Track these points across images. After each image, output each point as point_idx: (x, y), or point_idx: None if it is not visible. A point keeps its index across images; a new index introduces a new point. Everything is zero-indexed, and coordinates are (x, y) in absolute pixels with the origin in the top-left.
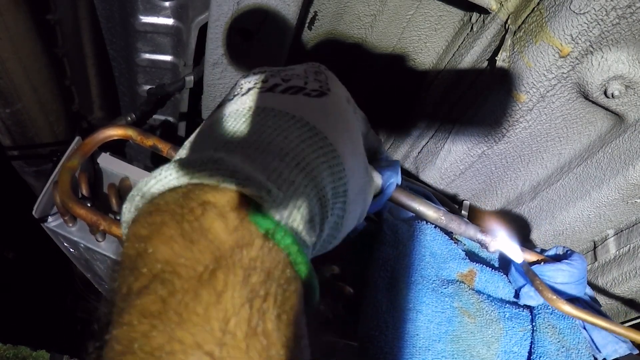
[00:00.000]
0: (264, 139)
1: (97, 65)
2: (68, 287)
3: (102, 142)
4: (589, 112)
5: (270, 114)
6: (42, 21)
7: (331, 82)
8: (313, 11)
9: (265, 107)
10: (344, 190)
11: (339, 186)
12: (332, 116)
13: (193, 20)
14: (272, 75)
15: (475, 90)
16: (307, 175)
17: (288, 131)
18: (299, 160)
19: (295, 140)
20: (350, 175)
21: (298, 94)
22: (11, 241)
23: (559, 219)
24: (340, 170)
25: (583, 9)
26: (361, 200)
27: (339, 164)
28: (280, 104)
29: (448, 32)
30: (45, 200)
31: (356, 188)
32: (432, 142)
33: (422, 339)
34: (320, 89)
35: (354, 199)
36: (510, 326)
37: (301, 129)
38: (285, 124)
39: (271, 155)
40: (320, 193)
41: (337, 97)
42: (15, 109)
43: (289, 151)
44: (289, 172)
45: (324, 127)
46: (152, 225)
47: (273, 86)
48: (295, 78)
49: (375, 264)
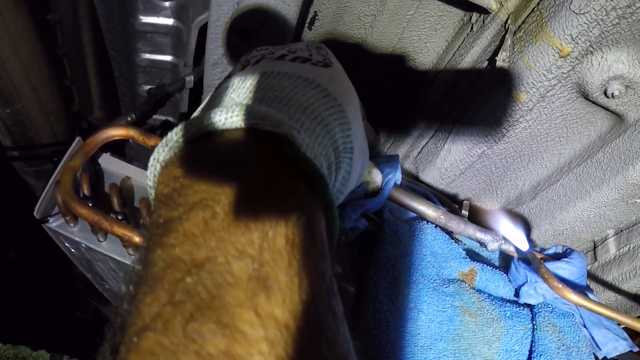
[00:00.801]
0: (284, 95)
1: (97, 65)
2: (68, 287)
3: (104, 142)
4: (589, 112)
5: (285, 76)
6: (42, 21)
7: (332, 57)
8: (313, 11)
9: (280, 71)
10: (351, 148)
11: (347, 142)
12: (338, 83)
13: (193, 20)
14: (277, 49)
15: (475, 90)
16: (324, 127)
17: (304, 90)
18: (316, 115)
19: (311, 98)
20: (355, 136)
21: (306, 63)
22: (11, 241)
23: (559, 219)
24: (348, 129)
25: (583, 9)
26: (361, 162)
27: (347, 123)
28: (292, 69)
29: (448, 32)
30: (47, 200)
31: (358, 148)
32: (432, 142)
33: (423, 338)
34: (324, 61)
35: (356, 158)
36: (511, 325)
37: (315, 90)
38: (300, 84)
39: (293, 107)
40: (335, 144)
41: (339, 70)
42: (15, 109)
43: (308, 106)
44: (309, 122)
45: (333, 90)
46: (185, 165)
47: (281, 56)
48: (299, 51)
49: (376, 264)
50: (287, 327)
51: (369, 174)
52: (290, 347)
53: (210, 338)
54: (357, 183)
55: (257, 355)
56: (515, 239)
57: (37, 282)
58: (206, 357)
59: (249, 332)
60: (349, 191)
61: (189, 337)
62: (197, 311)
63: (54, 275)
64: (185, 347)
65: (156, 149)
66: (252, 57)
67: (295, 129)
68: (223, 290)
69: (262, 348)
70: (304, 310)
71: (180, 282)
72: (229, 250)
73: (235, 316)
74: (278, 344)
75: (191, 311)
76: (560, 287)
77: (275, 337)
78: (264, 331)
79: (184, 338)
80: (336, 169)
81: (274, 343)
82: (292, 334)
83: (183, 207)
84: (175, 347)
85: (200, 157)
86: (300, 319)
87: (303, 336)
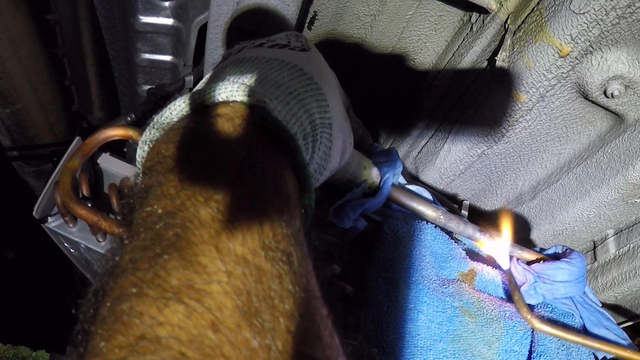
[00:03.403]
0: (260, 75)
1: (97, 65)
2: (68, 287)
3: (103, 142)
4: (588, 112)
5: (263, 60)
6: (42, 21)
7: (310, 44)
8: (313, 11)
9: (258, 56)
10: (329, 123)
11: (325, 118)
12: (314, 65)
13: (193, 20)
14: (257, 40)
15: (475, 90)
16: (300, 102)
17: (280, 71)
18: (291, 90)
19: (287, 77)
20: (333, 112)
21: (284, 48)
22: (11, 241)
23: (559, 219)
24: (325, 105)
25: (583, 9)
26: (342, 139)
27: (324, 100)
28: (269, 54)
29: (448, 32)
30: (46, 200)
31: (338, 125)
32: (432, 142)
33: (423, 338)
34: (302, 47)
35: (336, 134)
36: (511, 325)
37: (291, 70)
38: (277, 65)
39: (268, 84)
40: (311, 118)
41: (317, 54)
42: (15, 109)
43: (283, 83)
44: (284, 96)
45: (309, 70)
46: (165, 140)
47: (260, 44)
48: (278, 39)
49: (375, 264)
50: (245, 262)
51: (368, 173)
52: (248, 280)
53: (173, 272)
54: (342, 162)
55: (215, 284)
56: (497, 257)
57: (37, 282)
58: (168, 288)
59: (209, 265)
60: (335, 168)
61: (154, 273)
62: (163, 250)
63: (54, 275)
64: (151, 281)
65: (143, 133)
66: (234, 50)
67: (267, 97)
68: (189, 232)
69: (220, 278)
70: (262, 248)
71: (153, 229)
72: (198, 199)
73: (198, 252)
74: (236, 276)
75: (158, 251)
76: (529, 317)
77: (234, 270)
78: (222, 264)
79: (150, 274)
80: (313, 141)
81: (231, 275)
82: (251, 268)
83: (162, 173)
84: (143, 283)
85: (179, 131)
86: (259, 256)
87: (262, 271)
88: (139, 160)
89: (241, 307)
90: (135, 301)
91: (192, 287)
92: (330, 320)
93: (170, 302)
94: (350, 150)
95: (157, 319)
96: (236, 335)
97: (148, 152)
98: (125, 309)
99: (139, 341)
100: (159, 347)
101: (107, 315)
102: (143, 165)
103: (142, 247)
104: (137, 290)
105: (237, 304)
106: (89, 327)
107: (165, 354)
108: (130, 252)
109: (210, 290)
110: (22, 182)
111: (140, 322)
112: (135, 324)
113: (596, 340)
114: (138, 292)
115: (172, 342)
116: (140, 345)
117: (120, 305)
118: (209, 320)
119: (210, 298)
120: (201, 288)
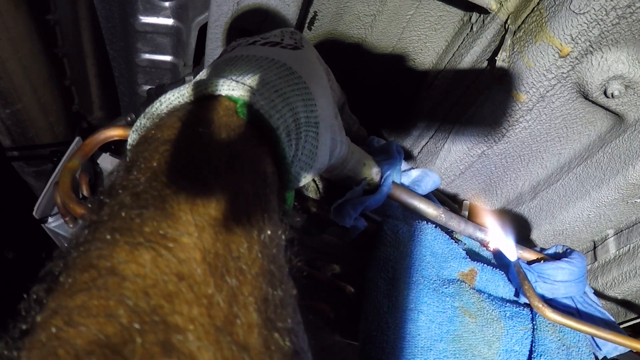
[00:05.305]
0: (248, 73)
1: (97, 65)
2: None
3: (103, 142)
4: (588, 112)
5: (253, 58)
6: (42, 21)
7: (304, 41)
8: (313, 11)
9: (249, 54)
10: (316, 122)
11: (311, 117)
12: (304, 63)
13: (193, 20)
14: (252, 37)
15: (475, 90)
16: (284, 100)
17: (268, 69)
18: (277, 89)
19: (274, 76)
20: (321, 112)
21: (276, 46)
22: (11, 241)
23: (559, 219)
24: (312, 104)
25: (583, 9)
26: (330, 138)
27: (311, 99)
28: (260, 52)
29: (448, 32)
30: (46, 200)
31: (325, 124)
32: (432, 142)
33: (423, 339)
34: (294, 44)
35: (323, 132)
36: (511, 325)
37: (279, 69)
38: (266, 64)
39: (255, 81)
40: (295, 116)
41: (309, 52)
42: (15, 109)
43: (269, 82)
44: (269, 94)
45: (298, 69)
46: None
47: (254, 42)
48: (272, 37)
49: (375, 265)
50: (216, 220)
51: (368, 170)
52: (219, 239)
53: (148, 221)
54: (332, 160)
55: (186, 237)
56: (504, 249)
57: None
58: (140, 235)
59: (182, 217)
60: (323, 166)
61: (130, 222)
62: (141, 206)
63: None
64: (126, 228)
65: (129, 136)
66: (230, 47)
67: (251, 92)
68: (167, 194)
69: (190, 230)
70: (235, 214)
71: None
72: (179, 170)
73: (173, 205)
74: (208, 234)
75: (135, 206)
76: (540, 306)
77: (204, 225)
78: (194, 218)
79: (126, 223)
80: (297, 139)
81: (203, 231)
82: (221, 226)
83: (148, 151)
84: (116, 231)
85: (167, 119)
86: (231, 218)
87: (233, 234)
88: (129, 148)
89: (209, 262)
90: (106, 246)
91: (164, 236)
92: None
93: (140, 247)
94: (342, 148)
95: (125, 260)
96: (200, 287)
97: (137, 138)
98: (95, 253)
99: (105, 276)
100: (123, 284)
101: (77, 257)
102: (128, 159)
103: (121, 203)
104: (110, 237)
105: (204, 258)
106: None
107: (128, 292)
108: (109, 207)
109: (181, 241)
110: (22, 182)
111: (108, 262)
112: (103, 263)
113: (608, 332)
114: (111, 239)
115: (137, 280)
116: (105, 279)
117: (91, 251)
118: (175, 268)
119: (180, 249)
120: (172, 237)
